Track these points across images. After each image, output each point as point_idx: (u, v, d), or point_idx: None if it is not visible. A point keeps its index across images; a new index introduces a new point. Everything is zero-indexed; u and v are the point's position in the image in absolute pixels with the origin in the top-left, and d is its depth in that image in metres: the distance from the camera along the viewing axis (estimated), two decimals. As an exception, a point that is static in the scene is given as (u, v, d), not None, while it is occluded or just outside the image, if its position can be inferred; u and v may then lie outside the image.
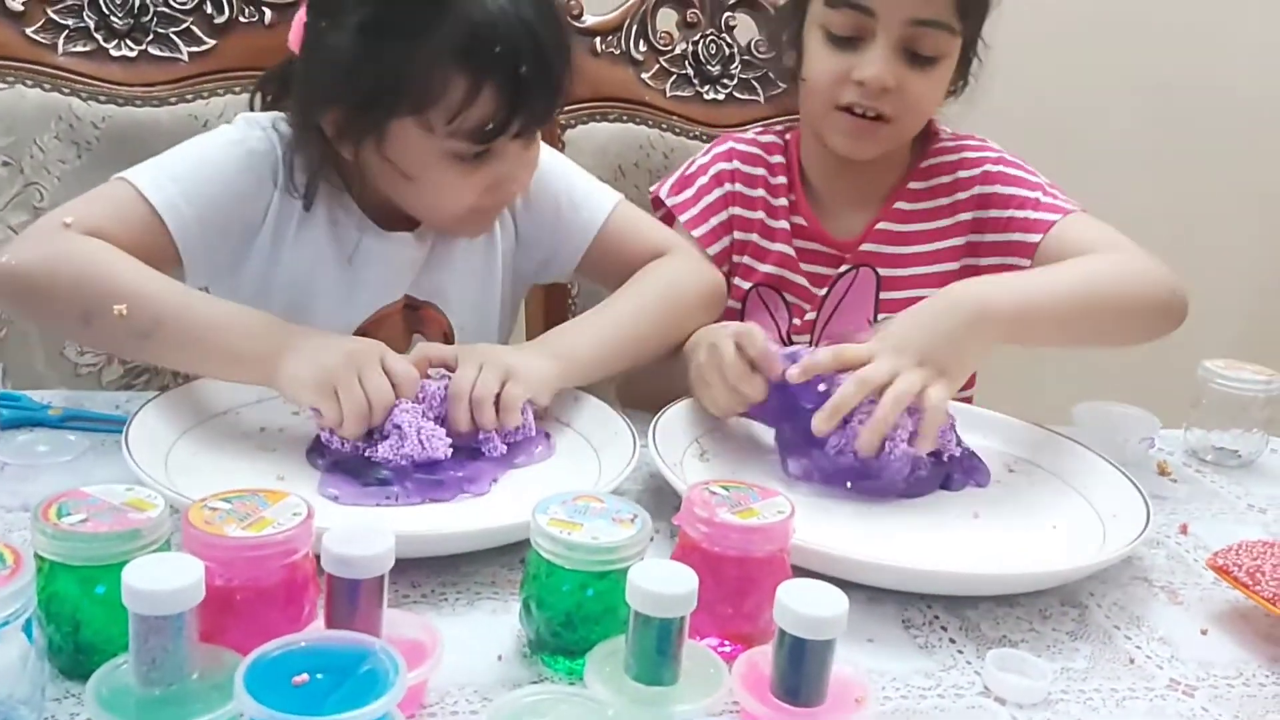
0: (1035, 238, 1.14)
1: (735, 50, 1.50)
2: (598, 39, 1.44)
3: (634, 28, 1.45)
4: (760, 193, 1.25)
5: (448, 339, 1.16)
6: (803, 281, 1.24)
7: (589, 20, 1.44)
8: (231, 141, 1.05)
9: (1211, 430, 1.14)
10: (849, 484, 0.91)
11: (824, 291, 1.24)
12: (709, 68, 1.49)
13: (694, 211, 1.24)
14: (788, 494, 0.74)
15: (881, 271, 1.22)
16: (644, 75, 1.46)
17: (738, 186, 1.25)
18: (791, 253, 1.24)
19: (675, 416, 0.99)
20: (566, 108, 1.40)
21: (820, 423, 0.90)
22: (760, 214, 1.24)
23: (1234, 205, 2.15)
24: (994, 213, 1.19)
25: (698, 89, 1.50)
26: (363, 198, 1.09)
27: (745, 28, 1.50)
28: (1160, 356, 1.53)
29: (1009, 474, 1.00)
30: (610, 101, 1.45)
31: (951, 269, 1.21)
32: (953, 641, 0.75)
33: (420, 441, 0.85)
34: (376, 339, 0.94)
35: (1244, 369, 1.14)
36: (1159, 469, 1.08)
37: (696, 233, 1.23)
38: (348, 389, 0.86)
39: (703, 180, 1.26)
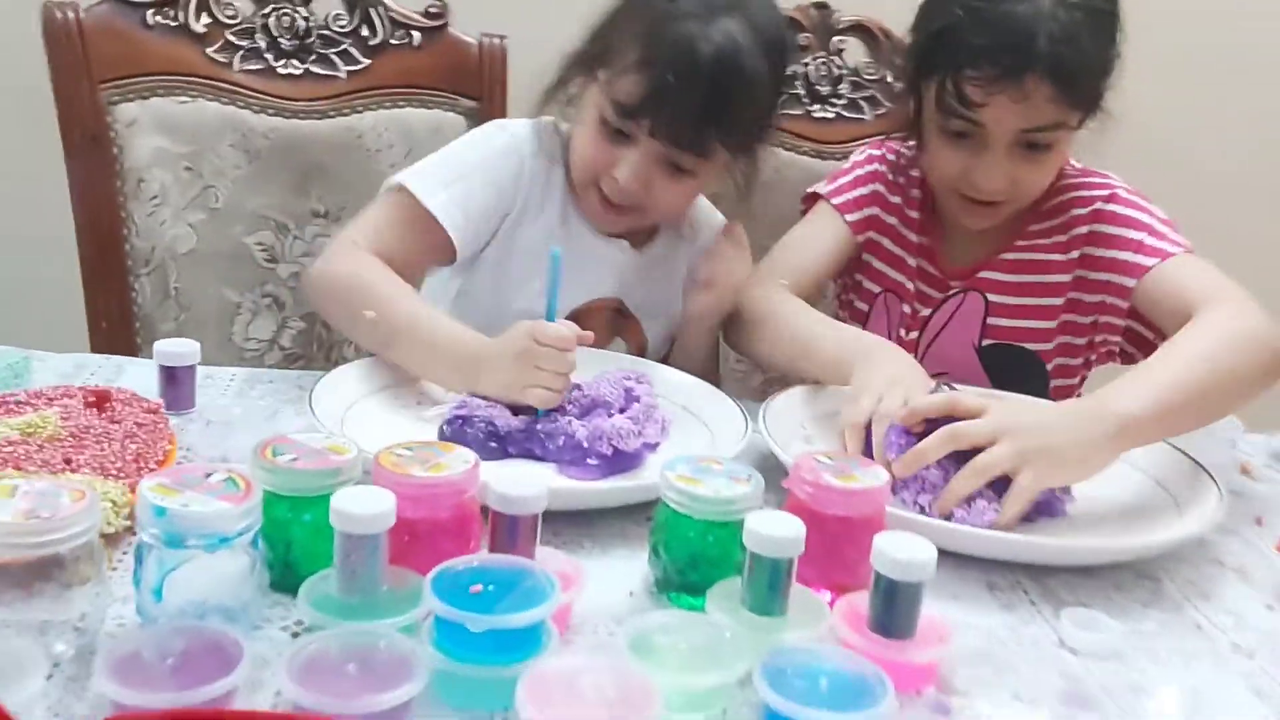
0: (1132, 281, 1.16)
1: (844, 71, 1.59)
2: (716, 61, 1.55)
3: (750, 50, 1.56)
4: (899, 200, 1.31)
5: (642, 350, 1.32)
6: (914, 300, 1.31)
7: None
8: (488, 145, 1.24)
9: (1296, 436, 1.19)
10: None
11: (928, 312, 1.30)
12: (819, 88, 1.59)
13: (846, 197, 1.31)
14: (885, 466, 0.83)
15: (990, 298, 1.28)
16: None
17: (883, 189, 1.31)
18: (915, 265, 1.30)
19: (784, 403, 1.09)
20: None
21: (899, 468, 0.91)
22: (895, 220, 1.31)
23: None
24: (1099, 251, 1.21)
25: (808, 108, 1.59)
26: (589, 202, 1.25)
27: (853, 50, 1.59)
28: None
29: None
30: (726, 119, 1.55)
31: (1058, 303, 1.26)
32: (1033, 604, 0.84)
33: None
34: (585, 327, 1.05)
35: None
36: (1241, 469, 1.14)
37: (849, 218, 1.30)
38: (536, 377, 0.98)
39: (858, 172, 1.33)
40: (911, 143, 1.28)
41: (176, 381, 1.02)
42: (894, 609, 0.70)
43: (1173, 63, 1.87)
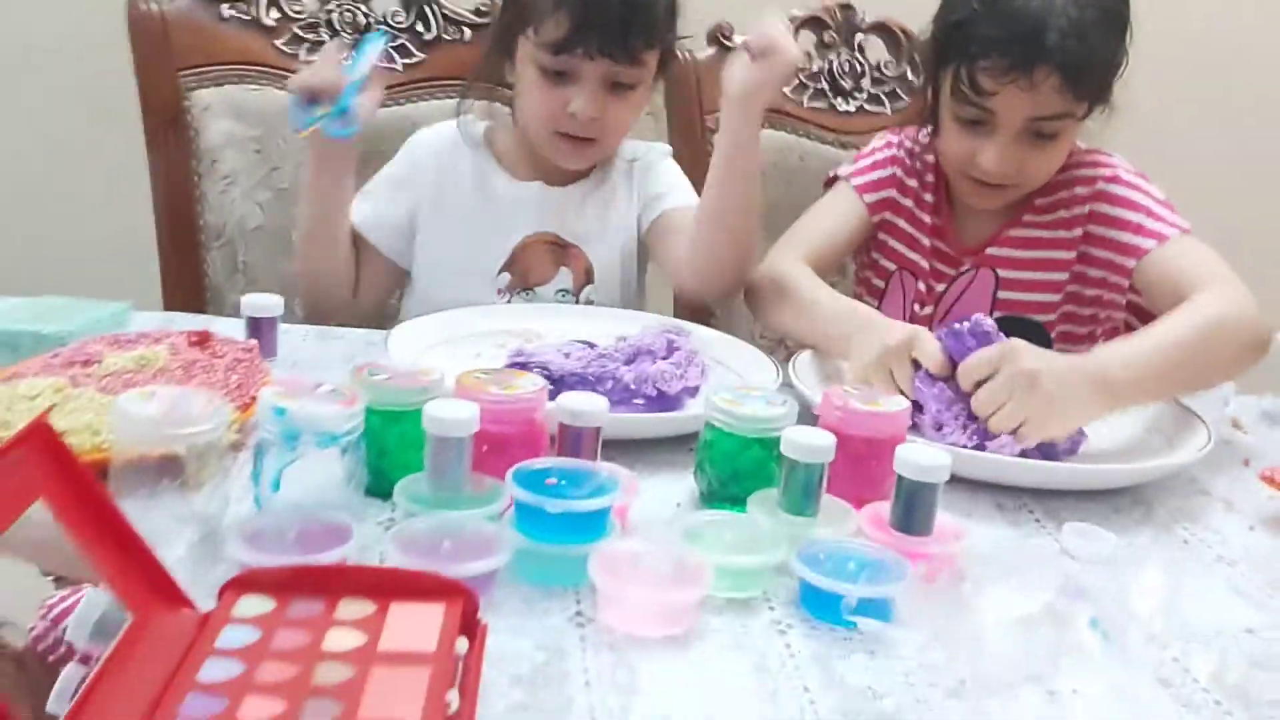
0: (1131, 262, 1.25)
1: (866, 68, 1.69)
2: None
3: (777, 46, 1.66)
4: (914, 183, 1.39)
5: (589, 274, 1.45)
6: (928, 277, 1.39)
7: (740, 40, 1.65)
8: (396, 158, 1.46)
9: (1285, 397, 1.28)
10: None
11: (942, 288, 1.39)
12: (842, 83, 1.69)
13: (865, 179, 1.40)
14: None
15: (1000, 273, 1.36)
16: (784, 89, 1.67)
17: (900, 172, 1.40)
18: (929, 244, 1.39)
19: (807, 359, 1.20)
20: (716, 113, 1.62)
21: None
22: (910, 202, 1.39)
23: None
24: (1101, 230, 1.29)
25: (831, 101, 1.70)
26: (503, 157, 1.44)
27: (875, 48, 1.70)
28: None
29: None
30: (754, 110, 1.66)
31: (1062, 277, 1.34)
32: (1037, 521, 0.93)
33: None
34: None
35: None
36: (1232, 424, 1.23)
37: (867, 198, 1.39)
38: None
39: (878, 156, 1.42)
40: (928, 128, 1.37)
41: (261, 332, 1.13)
42: (914, 508, 0.80)
43: (1170, 52, 1.96)
